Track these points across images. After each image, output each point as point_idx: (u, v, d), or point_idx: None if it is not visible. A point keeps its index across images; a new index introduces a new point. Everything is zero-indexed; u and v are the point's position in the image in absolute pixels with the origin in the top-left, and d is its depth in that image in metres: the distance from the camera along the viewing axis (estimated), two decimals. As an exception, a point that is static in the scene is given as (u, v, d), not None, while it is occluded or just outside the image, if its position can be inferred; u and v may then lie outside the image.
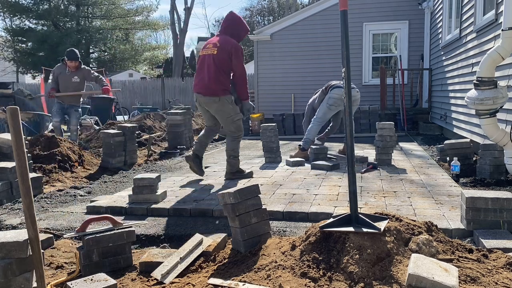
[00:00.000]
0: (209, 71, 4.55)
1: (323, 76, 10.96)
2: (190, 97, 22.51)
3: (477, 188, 4.16)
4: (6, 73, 32.70)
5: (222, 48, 4.54)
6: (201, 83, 4.63)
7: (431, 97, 10.06)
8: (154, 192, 3.87)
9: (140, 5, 32.95)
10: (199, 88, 4.65)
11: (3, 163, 4.38)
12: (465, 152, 5.01)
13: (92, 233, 2.57)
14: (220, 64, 4.53)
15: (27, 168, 1.92)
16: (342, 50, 2.33)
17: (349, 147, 2.32)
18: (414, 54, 11.00)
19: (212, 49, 4.59)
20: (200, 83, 4.65)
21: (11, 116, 1.90)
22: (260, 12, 42.90)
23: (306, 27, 11.55)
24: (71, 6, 29.65)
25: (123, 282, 2.42)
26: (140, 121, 9.73)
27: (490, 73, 4.15)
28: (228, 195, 2.54)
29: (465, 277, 1.97)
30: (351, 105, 2.36)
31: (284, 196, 3.99)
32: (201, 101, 4.70)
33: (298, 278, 2.03)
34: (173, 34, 31.32)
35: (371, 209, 3.32)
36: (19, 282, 2.02)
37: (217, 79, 4.54)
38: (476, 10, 6.09)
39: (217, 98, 4.58)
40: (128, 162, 6.26)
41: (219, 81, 4.55)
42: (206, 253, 2.61)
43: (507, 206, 2.80)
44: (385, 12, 10.95)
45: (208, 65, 4.57)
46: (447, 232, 2.88)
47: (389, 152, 5.51)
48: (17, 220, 3.62)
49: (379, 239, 2.09)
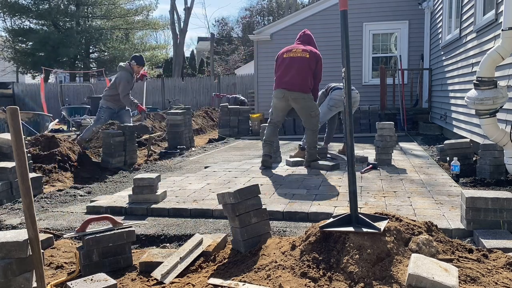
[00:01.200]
0: (301, 71, 5.20)
1: (323, 76, 10.96)
2: (190, 97, 22.50)
3: (477, 188, 4.16)
4: (6, 73, 32.68)
5: (312, 54, 5.28)
6: (292, 80, 5.20)
7: (431, 97, 10.06)
8: (154, 192, 3.87)
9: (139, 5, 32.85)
10: (290, 85, 5.20)
11: (3, 163, 4.38)
12: (465, 152, 5.01)
13: (92, 233, 2.57)
14: (309, 66, 5.23)
15: (27, 168, 1.92)
16: (342, 50, 2.33)
17: (349, 147, 2.32)
18: (414, 54, 11.00)
19: (303, 53, 5.27)
20: (291, 80, 5.21)
21: (11, 116, 1.90)
22: (260, 12, 42.87)
23: (306, 27, 11.50)
24: (71, 6, 29.62)
25: (123, 282, 2.42)
26: (140, 121, 9.73)
27: (490, 73, 4.15)
28: (228, 195, 2.54)
29: (465, 277, 1.97)
30: (351, 105, 2.36)
31: (284, 196, 3.99)
32: (289, 96, 5.22)
33: (298, 278, 2.03)
34: (173, 34, 31.29)
35: (371, 209, 3.32)
36: (19, 282, 2.02)
37: (307, 78, 5.21)
38: (476, 10, 6.09)
39: (305, 95, 5.23)
40: (128, 162, 6.27)
41: (308, 80, 5.22)
42: (206, 253, 2.61)
43: (507, 206, 2.80)
44: (385, 12, 10.95)
45: (300, 66, 5.22)
46: (447, 232, 2.88)
47: (389, 152, 5.52)
48: (17, 220, 3.62)
49: (379, 239, 2.09)
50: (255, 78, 12.36)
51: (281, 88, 5.27)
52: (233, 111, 10.46)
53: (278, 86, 5.31)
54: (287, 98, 5.25)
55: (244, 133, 10.38)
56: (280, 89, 5.28)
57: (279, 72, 5.33)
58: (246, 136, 10.15)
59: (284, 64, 5.30)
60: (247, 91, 18.13)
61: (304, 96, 5.21)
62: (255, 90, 12.45)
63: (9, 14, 29.24)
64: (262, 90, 12.21)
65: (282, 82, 5.27)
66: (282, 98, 5.27)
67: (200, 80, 23.77)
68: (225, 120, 10.44)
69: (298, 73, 5.19)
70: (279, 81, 5.31)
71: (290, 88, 5.21)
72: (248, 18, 42.48)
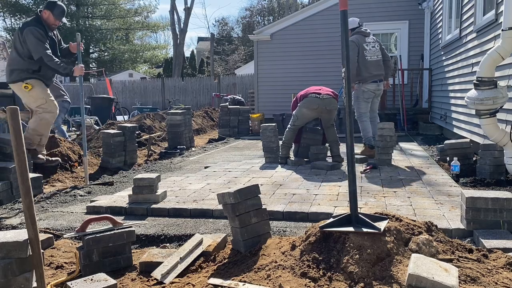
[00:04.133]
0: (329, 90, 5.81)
1: (323, 76, 10.98)
2: (190, 97, 22.51)
3: (477, 188, 4.16)
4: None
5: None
6: (325, 88, 5.83)
7: (431, 97, 10.06)
8: (154, 192, 3.87)
9: (139, 5, 32.90)
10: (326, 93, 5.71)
11: (3, 163, 4.38)
12: (465, 152, 5.01)
13: (92, 233, 2.57)
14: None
15: (27, 168, 1.92)
16: (342, 50, 2.33)
17: (349, 147, 2.32)
18: (414, 54, 11.00)
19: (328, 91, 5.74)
20: (324, 89, 5.80)
21: (11, 116, 1.90)
22: (260, 12, 42.89)
23: (306, 27, 11.55)
24: (71, 6, 29.65)
25: (123, 282, 2.42)
26: (140, 121, 9.73)
27: (490, 73, 4.15)
28: (228, 195, 2.54)
29: (465, 277, 1.97)
30: (351, 105, 2.36)
31: (284, 196, 4.00)
32: (327, 103, 5.63)
33: (298, 278, 2.03)
34: (173, 34, 31.31)
35: (371, 209, 3.32)
36: (19, 282, 2.02)
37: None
38: (476, 10, 6.09)
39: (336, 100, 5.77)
40: (128, 162, 6.26)
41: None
42: (206, 253, 2.61)
43: (507, 206, 2.80)
44: (385, 12, 10.95)
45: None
46: (447, 232, 2.88)
47: (389, 152, 5.52)
48: (17, 220, 3.62)
49: (379, 239, 2.09)
50: (255, 78, 12.36)
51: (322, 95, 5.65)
52: (233, 111, 10.46)
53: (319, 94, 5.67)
54: (326, 105, 5.61)
55: (244, 133, 10.38)
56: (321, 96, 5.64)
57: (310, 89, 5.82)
58: (246, 136, 10.14)
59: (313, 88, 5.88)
60: (247, 91, 18.14)
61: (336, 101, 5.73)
62: (255, 90, 12.45)
63: (9, 14, 29.25)
64: (262, 90, 12.21)
65: (319, 90, 5.74)
66: (321, 106, 5.62)
67: (200, 80, 23.79)
68: (225, 120, 10.44)
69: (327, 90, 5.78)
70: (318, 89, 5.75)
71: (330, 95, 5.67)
72: (248, 18, 42.48)
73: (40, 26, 4.92)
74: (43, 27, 4.94)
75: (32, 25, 4.89)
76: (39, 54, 4.84)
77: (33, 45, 4.84)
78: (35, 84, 4.97)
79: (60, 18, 5.10)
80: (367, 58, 6.02)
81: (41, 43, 4.82)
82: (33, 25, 4.89)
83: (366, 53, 6.03)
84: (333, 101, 5.67)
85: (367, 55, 6.02)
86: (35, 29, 4.84)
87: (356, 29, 6.17)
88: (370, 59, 6.05)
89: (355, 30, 6.15)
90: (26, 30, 4.85)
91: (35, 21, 4.97)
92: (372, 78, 6.03)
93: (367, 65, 5.99)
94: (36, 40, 4.82)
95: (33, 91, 4.98)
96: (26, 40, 4.86)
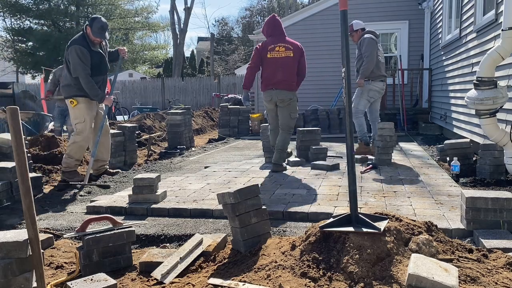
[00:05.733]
0: (288, 70, 5.15)
1: (323, 76, 10.97)
2: (190, 97, 22.50)
3: (477, 188, 4.16)
4: (6, 73, 32.71)
5: (296, 50, 5.18)
6: (281, 79, 5.15)
7: (431, 97, 10.06)
8: (154, 192, 3.87)
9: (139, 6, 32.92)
10: (279, 85, 5.15)
11: (3, 163, 4.38)
12: (465, 152, 5.01)
13: (92, 233, 2.57)
14: (295, 64, 5.19)
15: (27, 168, 1.92)
16: (342, 50, 2.33)
17: (349, 147, 2.32)
18: (414, 54, 11.00)
19: (287, 52, 5.15)
20: (280, 80, 5.15)
21: (11, 116, 1.90)
22: (260, 12, 42.89)
23: (306, 27, 11.54)
24: (71, 6, 29.65)
25: (123, 282, 2.42)
26: (140, 121, 9.73)
27: (490, 73, 4.15)
28: (228, 195, 2.54)
29: (465, 277, 1.97)
30: (350, 104, 2.36)
31: (284, 196, 4.00)
32: (277, 95, 5.17)
33: (298, 278, 2.03)
34: (173, 34, 31.29)
35: (371, 209, 3.31)
36: (19, 282, 2.02)
37: (294, 77, 5.21)
38: (476, 10, 6.09)
39: (293, 93, 5.24)
40: (128, 162, 6.27)
41: (295, 79, 5.23)
42: (206, 253, 2.61)
43: (507, 206, 2.80)
44: (385, 12, 10.94)
45: (287, 65, 5.14)
46: (447, 232, 2.88)
47: (389, 152, 5.52)
48: (17, 220, 3.62)
49: (379, 239, 2.09)
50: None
51: (269, 88, 5.22)
52: (233, 111, 10.46)
53: (266, 87, 5.26)
54: (274, 98, 5.21)
55: (244, 133, 10.38)
56: (268, 90, 5.23)
57: (266, 73, 5.24)
58: (246, 136, 10.14)
59: (270, 64, 5.19)
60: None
61: (292, 94, 5.21)
62: (255, 90, 12.44)
63: (9, 14, 29.25)
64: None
65: (270, 83, 5.20)
66: (270, 101, 5.27)
67: (200, 80, 23.79)
68: (225, 120, 10.44)
69: (287, 73, 5.14)
70: (267, 83, 5.23)
71: (280, 88, 5.16)
72: (248, 18, 42.50)
73: (85, 44, 4.87)
74: (87, 44, 4.89)
75: (77, 43, 4.87)
76: (77, 74, 4.86)
77: (73, 64, 4.86)
78: (80, 102, 4.98)
79: (99, 35, 4.93)
80: (379, 58, 6.09)
81: (81, 62, 4.80)
82: (78, 43, 4.86)
83: (379, 53, 6.11)
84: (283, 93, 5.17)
85: (379, 55, 6.10)
86: (78, 48, 4.80)
87: (366, 29, 6.22)
88: (382, 59, 6.16)
89: (366, 30, 6.19)
90: (70, 48, 4.85)
91: (80, 37, 4.94)
92: (380, 77, 6.12)
93: (379, 65, 6.07)
94: (76, 59, 4.81)
95: (76, 108, 4.98)
96: (69, 59, 4.89)
